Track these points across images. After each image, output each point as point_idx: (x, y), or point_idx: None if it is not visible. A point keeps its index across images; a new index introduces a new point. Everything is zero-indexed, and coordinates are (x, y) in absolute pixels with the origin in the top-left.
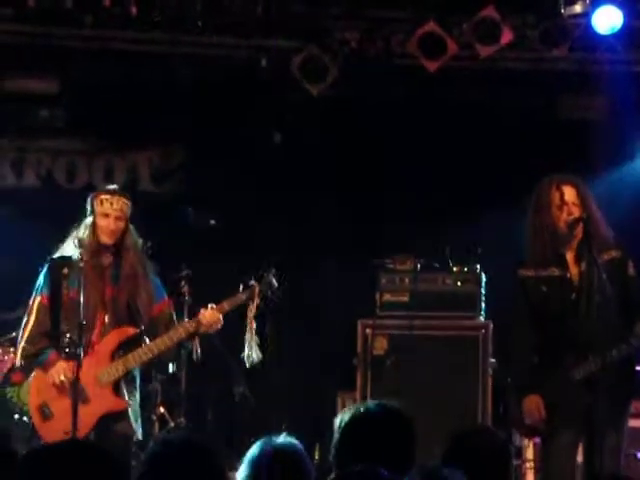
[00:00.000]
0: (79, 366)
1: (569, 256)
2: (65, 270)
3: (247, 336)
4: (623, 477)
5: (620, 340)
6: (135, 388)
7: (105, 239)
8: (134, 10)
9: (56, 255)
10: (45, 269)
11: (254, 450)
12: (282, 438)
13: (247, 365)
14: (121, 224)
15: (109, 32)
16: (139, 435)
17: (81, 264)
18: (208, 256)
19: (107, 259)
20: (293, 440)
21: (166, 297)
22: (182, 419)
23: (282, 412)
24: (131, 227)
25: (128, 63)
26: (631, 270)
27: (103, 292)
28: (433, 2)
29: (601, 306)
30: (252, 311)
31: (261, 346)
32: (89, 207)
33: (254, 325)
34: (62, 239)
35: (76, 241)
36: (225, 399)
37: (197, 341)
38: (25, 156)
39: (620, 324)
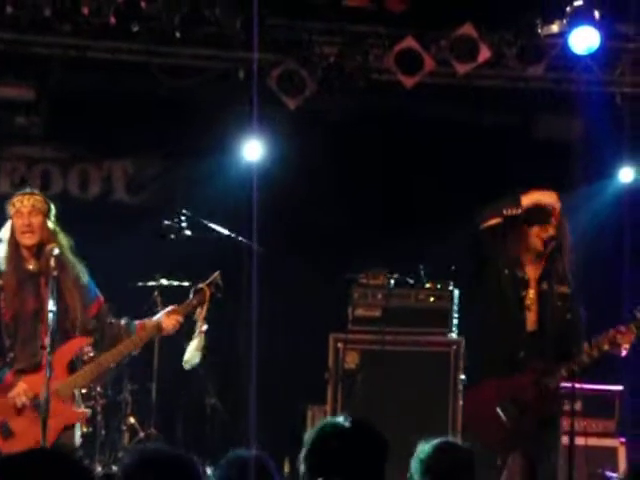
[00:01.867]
0: (21, 379)
1: (531, 270)
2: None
3: (195, 340)
4: None
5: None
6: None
7: (25, 240)
8: (113, 20)
9: None
10: None
11: (224, 462)
12: (252, 451)
13: (186, 367)
14: (36, 219)
15: (87, 41)
16: (77, 444)
17: (6, 275)
18: (180, 267)
19: (32, 265)
20: (263, 454)
21: (100, 295)
22: (152, 429)
23: (253, 424)
24: (54, 227)
25: (106, 72)
26: (577, 307)
27: (36, 301)
28: (411, 18)
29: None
30: (202, 314)
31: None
32: (6, 214)
33: (204, 327)
34: None
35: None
36: (196, 411)
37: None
38: (0, 163)
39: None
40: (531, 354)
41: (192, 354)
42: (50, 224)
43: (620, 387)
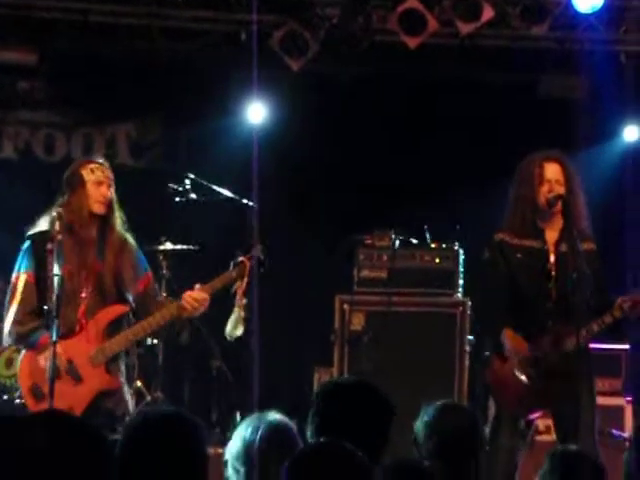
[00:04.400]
0: (57, 343)
1: (550, 235)
2: (49, 246)
3: (235, 314)
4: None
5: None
6: (123, 364)
7: (99, 208)
8: None
9: (35, 230)
10: (27, 245)
11: (245, 426)
12: (273, 415)
13: (229, 339)
14: (110, 192)
15: (90, 4)
16: (131, 411)
17: (60, 237)
18: (186, 231)
19: (93, 232)
20: (284, 418)
21: (149, 270)
22: (159, 393)
23: (260, 387)
24: (117, 199)
25: (108, 36)
26: (600, 264)
27: (89, 267)
28: None
29: (577, 283)
30: (242, 288)
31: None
32: (74, 177)
33: (244, 302)
34: (39, 213)
35: (55, 214)
36: (202, 373)
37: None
38: (3, 128)
39: (592, 306)
40: (558, 320)
41: (233, 327)
42: (114, 196)
43: (626, 345)
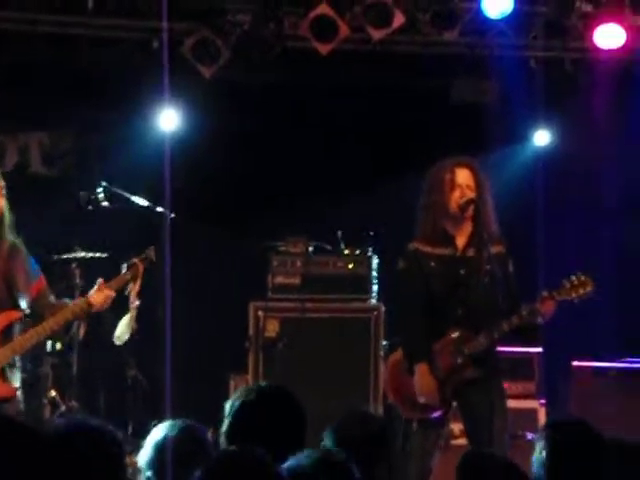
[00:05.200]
0: None
1: (460, 240)
2: None
3: (127, 317)
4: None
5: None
6: (18, 372)
7: None
8: None
9: None
10: None
11: (157, 433)
12: (185, 422)
13: (117, 343)
14: (2, 201)
15: (1, 13)
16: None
17: None
18: (98, 239)
19: None
20: (197, 424)
21: (41, 274)
22: (74, 402)
23: (174, 395)
24: (6, 204)
25: (21, 43)
26: (511, 267)
27: None
28: None
29: (488, 288)
30: (135, 289)
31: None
32: None
33: (137, 303)
34: None
35: None
36: (117, 382)
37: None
38: None
39: (504, 309)
40: (469, 325)
41: (123, 329)
42: (4, 202)
43: (539, 349)
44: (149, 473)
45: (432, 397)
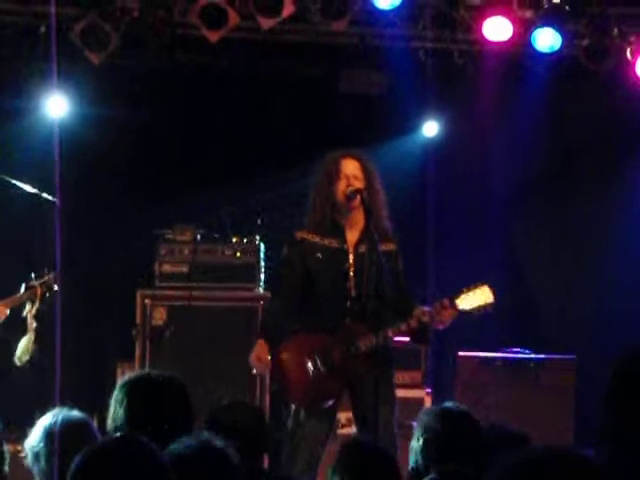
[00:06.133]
0: None
1: (350, 234)
2: None
3: (25, 339)
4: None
5: (396, 319)
6: None
7: None
8: None
9: None
10: None
11: (47, 420)
12: (70, 409)
13: (18, 364)
14: None
15: None
16: None
17: None
18: None
19: None
20: (82, 413)
21: None
22: None
23: (62, 382)
24: None
25: None
26: (401, 265)
27: None
28: None
29: (376, 281)
30: (32, 312)
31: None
32: None
33: (34, 325)
34: None
35: None
36: (3, 373)
37: None
38: None
39: (394, 302)
40: (356, 319)
41: (23, 351)
42: None
43: None
44: (38, 453)
45: (261, 368)
